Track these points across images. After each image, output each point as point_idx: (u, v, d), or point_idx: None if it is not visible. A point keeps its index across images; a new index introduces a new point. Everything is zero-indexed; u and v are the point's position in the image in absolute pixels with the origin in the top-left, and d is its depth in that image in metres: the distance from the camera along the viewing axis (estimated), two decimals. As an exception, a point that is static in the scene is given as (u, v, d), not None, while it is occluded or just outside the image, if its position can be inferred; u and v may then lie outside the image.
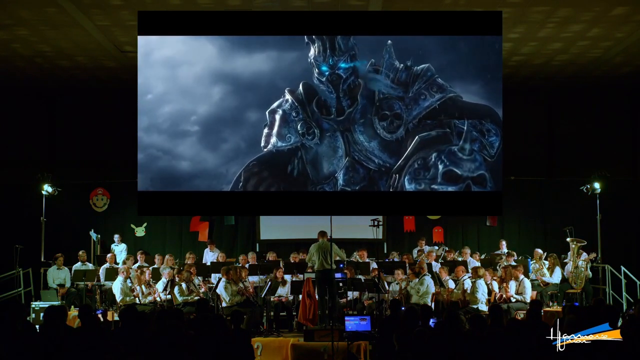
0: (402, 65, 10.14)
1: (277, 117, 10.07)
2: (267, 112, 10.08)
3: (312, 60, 10.11)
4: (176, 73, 10.15)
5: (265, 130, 10.09)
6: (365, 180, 10.09)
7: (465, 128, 9.99)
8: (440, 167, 10.06)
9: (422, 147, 10.10)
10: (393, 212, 14.36)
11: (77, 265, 13.63)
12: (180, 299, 11.99)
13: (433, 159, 10.07)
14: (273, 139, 10.07)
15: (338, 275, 12.05)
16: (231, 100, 10.11)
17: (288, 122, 10.11)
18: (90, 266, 13.80)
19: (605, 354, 6.20)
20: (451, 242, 15.82)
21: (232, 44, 10.13)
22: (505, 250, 14.53)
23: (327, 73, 10.11)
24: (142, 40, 10.08)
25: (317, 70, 10.12)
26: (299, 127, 10.06)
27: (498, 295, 12.12)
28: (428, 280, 12.06)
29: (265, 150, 10.08)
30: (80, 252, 13.90)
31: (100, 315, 10.73)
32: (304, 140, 10.11)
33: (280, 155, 10.08)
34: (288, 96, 10.08)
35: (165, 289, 12.17)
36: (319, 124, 10.13)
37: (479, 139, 10.05)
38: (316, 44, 10.09)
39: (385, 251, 15.53)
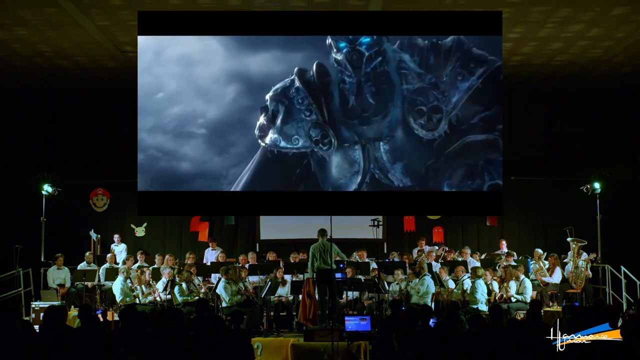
0: (427, 42, 8.50)
1: (281, 108, 8.69)
2: (267, 96, 8.75)
3: (330, 40, 8.62)
4: (180, 72, 10.00)
5: (262, 119, 8.74)
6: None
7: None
8: (487, 178, 8.86)
9: (467, 149, 8.74)
10: (393, 212, 14.35)
11: (82, 265, 13.65)
12: (180, 299, 11.99)
13: (479, 168, 8.77)
14: (273, 135, 8.93)
15: (338, 275, 12.03)
16: (241, 101, 9.40)
17: (295, 118, 8.73)
18: (95, 267, 13.80)
19: (605, 354, 6.20)
20: (451, 242, 15.80)
21: (241, 43, 9.43)
22: (505, 250, 14.52)
23: (345, 50, 8.52)
24: (152, 39, 10.02)
25: (334, 49, 8.61)
26: (311, 130, 8.58)
27: (499, 295, 12.12)
28: (428, 280, 12.05)
29: (262, 145, 8.81)
30: (87, 254, 13.87)
31: (100, 315, 10.74)
32: (316, 148, 8.71)
33: (283, 160, 8.92)
34: (297, 81, 8.54)
35: (165, 289, 12.17)
36: (336, 129, 8.61)
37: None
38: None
39: (385, 251, 15.51)
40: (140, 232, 16.02)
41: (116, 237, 14.97)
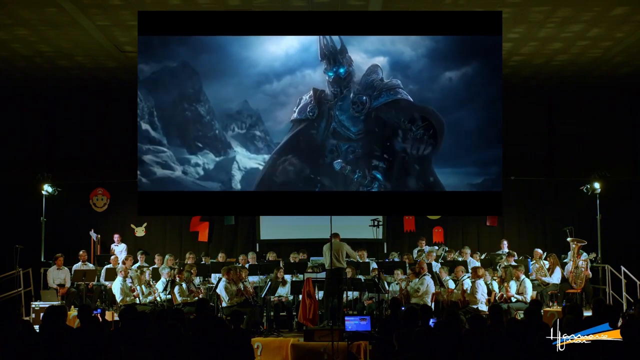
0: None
1: None
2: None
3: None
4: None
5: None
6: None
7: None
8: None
9: None
10: (393, 212, 14.36)
11: (78, 265, 13.63)
12: (180, 299, 11.99)
13: None
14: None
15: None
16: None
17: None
18: (90, 266, 13.79)
19: (605, 354, 6.20)
20: (451, 242, 15.81)
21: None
22: (506, 250, 14.52)
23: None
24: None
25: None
26: None
27: (499, 295, 12.12)
28: (428, 280, 12.05)
29: None
30: (81, 252, 13.87)
31: (98, 315, 10.73)
32: None
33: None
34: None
35: (165, 289, 12.17)
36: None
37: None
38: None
39: (385, 251, 15.52)
40: (140, 232, 16.03)
41: (116, 237, 14.97)
